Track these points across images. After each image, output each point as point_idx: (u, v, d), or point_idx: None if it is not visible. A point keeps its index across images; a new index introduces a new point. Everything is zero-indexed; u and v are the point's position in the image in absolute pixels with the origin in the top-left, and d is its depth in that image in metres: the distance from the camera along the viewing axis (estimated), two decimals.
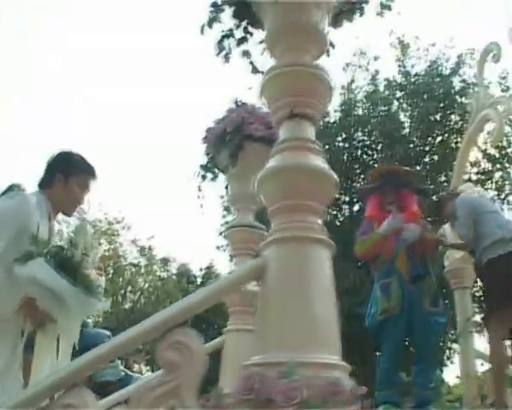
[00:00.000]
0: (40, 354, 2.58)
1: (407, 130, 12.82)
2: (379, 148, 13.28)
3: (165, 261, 24.82)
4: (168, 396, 2.02)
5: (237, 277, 2.37)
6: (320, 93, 2.71)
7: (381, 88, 14.06)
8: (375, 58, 14.35)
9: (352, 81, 14.20)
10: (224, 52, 3.19)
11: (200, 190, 5.04)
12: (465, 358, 5.38)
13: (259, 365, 2.04)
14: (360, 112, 13.73)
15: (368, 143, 13.54)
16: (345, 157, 13.29)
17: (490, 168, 13.68)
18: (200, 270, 20.49)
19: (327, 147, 13.04)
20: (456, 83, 12.73)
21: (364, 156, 13.47)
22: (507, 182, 13.46)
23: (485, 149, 13.44)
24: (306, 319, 2.09)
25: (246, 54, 3.21)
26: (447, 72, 12.88)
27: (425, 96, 12.41)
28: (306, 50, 2.80)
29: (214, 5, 3.10)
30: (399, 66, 14.19)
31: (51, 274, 2.41)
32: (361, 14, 3.18)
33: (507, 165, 13.84)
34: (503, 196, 13.36)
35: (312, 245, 2.27)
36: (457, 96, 12.06)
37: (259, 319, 2.22)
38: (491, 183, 13.49)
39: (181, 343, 2.03)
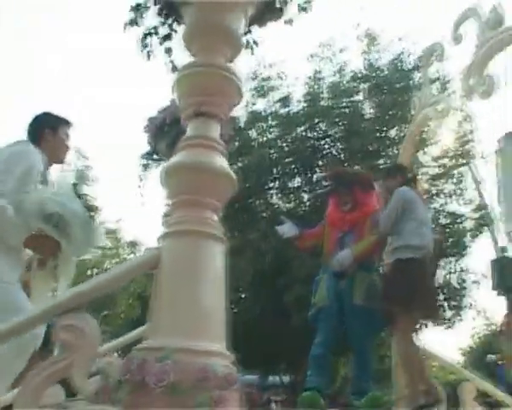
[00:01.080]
0: (36, 288, 2.93)
1: (368, 123, 12.97)
2: (341, 140, 13.44)
3: (132, 245, 24.79)
4: (60, 374, 2.15)
5: (131, 266, 2.49)
6: (228, 94, 2.84)
7: (347, 80, 14.20)
8: (341, 50, 14.47)
9: (318, 72, 14.30)
10: (146, 49, 3.31)
11: (140, 179, 5.14)
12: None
13: (144, 349, 2.19)
14: (325, 103, 13.85)
15: (331, 134, 13.69)
16: (307, 147, 13.45)
17: (450, 164, 13.93)
18: None
19: (288, 136, 13.21)
20: (418, 78, 12.90)
21: (326, 147, 13.62)
22: (464, 178, 13.76)
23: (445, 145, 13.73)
24: (192, 308, 2.23)
25: (168, 51, 3.33)
26: (409, 66, 13.07)
27: (385, 90, 12.60)
28: (220, 51, 2.91)
29: (136, 5, 3.21)
30: (365, 59, 14.34)
31: (60, 197, 2.79)
32: (280, 16, 3.32)
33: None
34: (459, 193, 13.67)
35: (205, 239, 2.40)
36: (416, 91, 12.24)
37: (152, 308, 2.36)
38: (450, 178, 13.76)
39: (74, 326, 2.16)
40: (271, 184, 13.66)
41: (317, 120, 13.66)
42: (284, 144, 13.30)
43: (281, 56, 29.41)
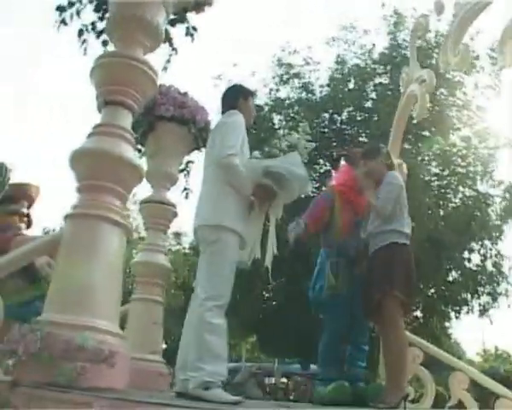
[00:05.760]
0: (252, 223, 3.50)
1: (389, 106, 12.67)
2: (363, 123, 13.23)
3: (177, 236, 25.18)
4: None
5: (36, 245, 2.68)
6: (140, 85, 2.97)
7: (370, 61, 13.96)
8: (365, 31, 14.24)
9: (339, 56, 14.15)
10: (84, 45, 3.47)
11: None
12: None
13: (37, 322, 2.35)
14: (349, 87, 13.70)
15: (357, 118, 13.53)
16: (332, 132, 13.38)
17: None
18: None
19: (313, 122, 13.08)
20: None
21: (351, 132, 13.47)
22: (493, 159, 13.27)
23: None
24: (73, 285, 2.39)
25: (105, 44, 3.48)
26: (433, 44, 12.74)
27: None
28: (138, 42, 3.05)
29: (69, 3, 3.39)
30: (391, 38, 14.02)
31: (288, 163, 3.40)
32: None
33: None
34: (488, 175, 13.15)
35: (102, 223, 2.56)
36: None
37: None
38: (478, 160, 13.34)
39: None
40: None
41: (343, 105, 13.52)
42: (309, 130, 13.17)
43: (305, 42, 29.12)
